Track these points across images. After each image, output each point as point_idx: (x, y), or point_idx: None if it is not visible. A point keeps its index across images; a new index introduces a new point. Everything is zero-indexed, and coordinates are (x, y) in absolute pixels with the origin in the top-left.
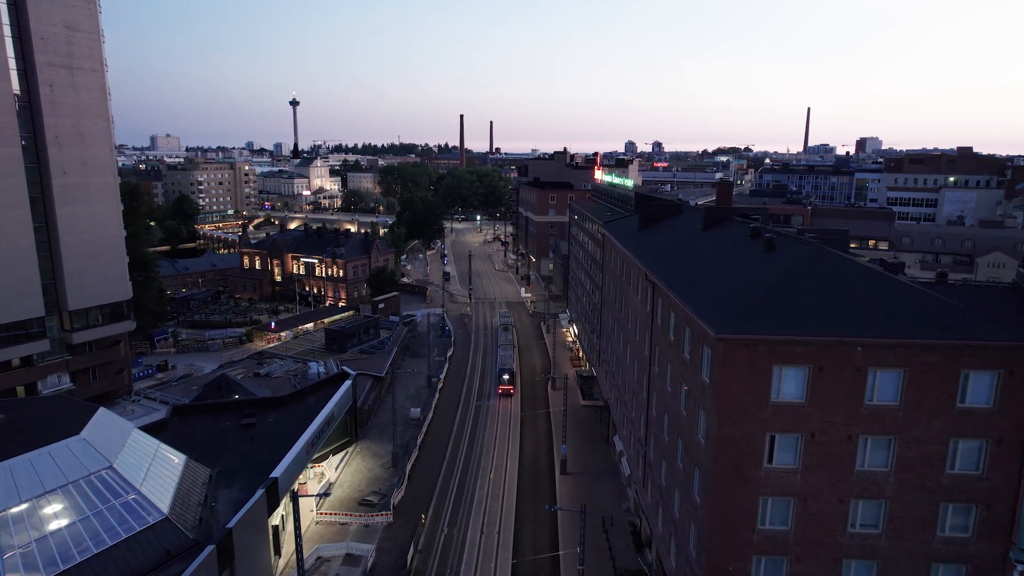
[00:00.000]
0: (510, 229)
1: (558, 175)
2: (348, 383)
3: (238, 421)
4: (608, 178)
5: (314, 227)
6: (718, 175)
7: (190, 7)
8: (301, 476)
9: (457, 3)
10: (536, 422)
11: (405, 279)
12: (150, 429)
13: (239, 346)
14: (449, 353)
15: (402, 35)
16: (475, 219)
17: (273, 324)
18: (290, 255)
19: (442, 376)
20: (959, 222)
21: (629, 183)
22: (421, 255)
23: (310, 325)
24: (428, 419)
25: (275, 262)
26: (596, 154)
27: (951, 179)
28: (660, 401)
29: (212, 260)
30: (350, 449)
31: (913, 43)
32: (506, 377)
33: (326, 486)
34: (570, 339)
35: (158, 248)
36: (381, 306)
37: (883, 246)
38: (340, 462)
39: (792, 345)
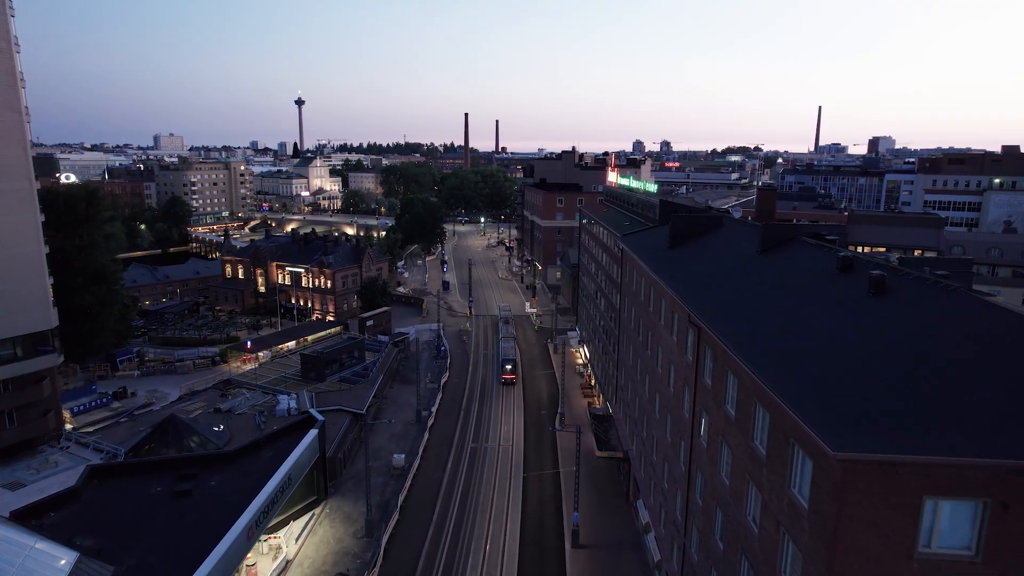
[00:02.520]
0: (515, 233)
1: (566, 176)
2: (313, 433)
3: (172, 485)
4: (624, 181)
5: (301, 233)
6: (734, 175)
7: (193, 5)
8: (251, 553)
9: (464, 2)
10: (541, 464)
11: (401, 288)
12: (56, 501)
13: (211, 368)
14: (444, 380)
15: (409, 34)
16: (479, 221)
17: (249, 344)
18: (274, 264)
19: (434, 410)
20: (1011, 229)
21: (651, 188)
22: (420, 261)
23: (292, 343)
24: (414, 467)
25: (258, 271)
26: (607, 154)
27: (996, 180)
28: (710, 491)
29: (196, 267)
30: (317, 511)
31: (924, 42)
32: (508, 367)
33: (282, 566)
34: (580, 362)
35: (148, 252)
36: (369, 323)
37: (930, 256)
38: (304, 528)
39: (960, 469)
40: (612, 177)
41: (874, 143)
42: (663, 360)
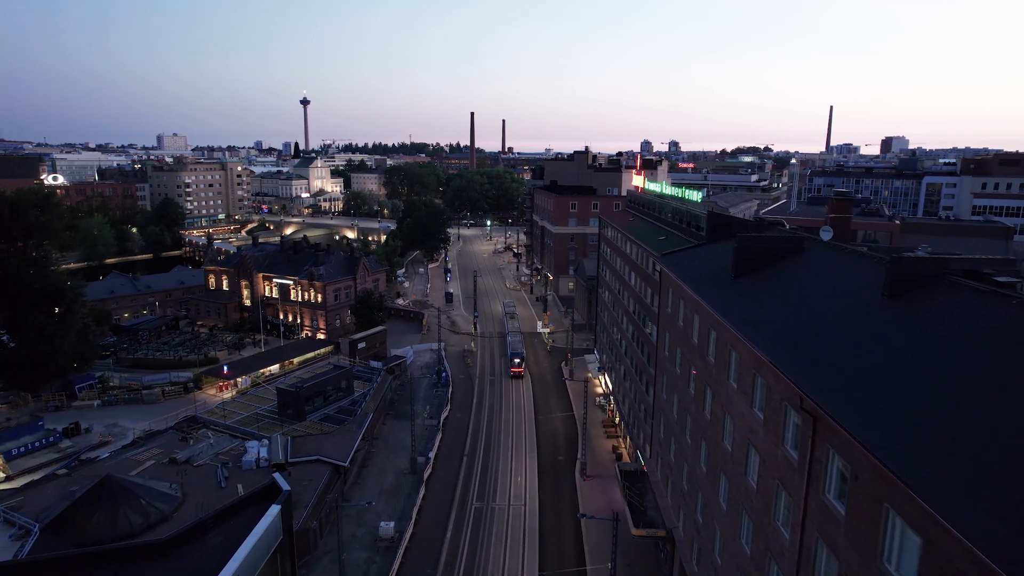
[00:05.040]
0: (523, 237)
1: (579, 178)
2: (275, 510)
3: None
4: (655, 186)
5: (291, 240)
6: (753, 177)
7: (198, 5)
8: None
9: (469, 1)
10: (561, 541)
11: (400, 300)
12: None
13: (183, 396)
14: (444, 415)
15: (414, 34)
16: (485, 224)
17: (226, 368)
18: (261, 275)
19: (432, 455)
20: None
21: (695, 196)
22: (422, 269)
23: (275, 367)
24: (406, 538)
25: (244, 282)
26: (620, 154)
27: None
28: None
29: (181, 276)
30: None
31: (936, 42)
32: (516, 360)
33: None
34: (600, 391)
35: (138, 257)
36: (361, 346)
37: None
38: None
39: None
40: (638, 181)
41: (887, 143)
42: (735, 436)
